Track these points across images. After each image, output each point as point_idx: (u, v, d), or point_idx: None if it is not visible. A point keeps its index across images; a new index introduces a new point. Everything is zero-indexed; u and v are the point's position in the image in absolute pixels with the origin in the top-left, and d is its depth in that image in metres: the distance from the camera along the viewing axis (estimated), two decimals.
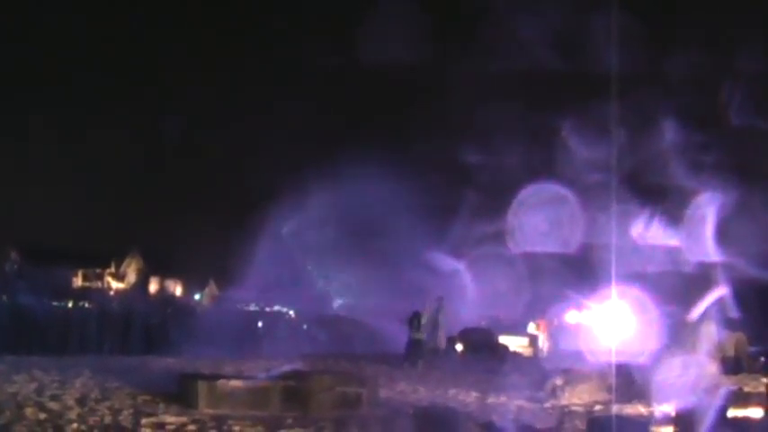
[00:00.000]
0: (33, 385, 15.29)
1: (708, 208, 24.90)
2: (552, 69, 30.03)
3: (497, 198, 30.54)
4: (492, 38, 28.47)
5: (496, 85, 30.91)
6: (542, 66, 28.93)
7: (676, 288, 24.90)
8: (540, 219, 30.05)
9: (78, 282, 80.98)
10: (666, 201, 27.16)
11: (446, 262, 31.99)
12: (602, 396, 16.91)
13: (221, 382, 14.32)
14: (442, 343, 27.86)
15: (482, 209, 31.48)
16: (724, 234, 24.80)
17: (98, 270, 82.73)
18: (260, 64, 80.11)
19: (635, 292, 26.08)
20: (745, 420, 13.12)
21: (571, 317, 32.36)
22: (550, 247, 31.01)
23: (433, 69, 42.23)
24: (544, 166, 29.01)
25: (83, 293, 73.86)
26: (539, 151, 29.01)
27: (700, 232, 25.29)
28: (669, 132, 26.20)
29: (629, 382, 17.10)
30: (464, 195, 32.63)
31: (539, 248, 31.56)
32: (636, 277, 26.04)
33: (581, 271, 28.99)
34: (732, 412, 12.86)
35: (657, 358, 18.67)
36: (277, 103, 68.95)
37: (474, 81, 32.67)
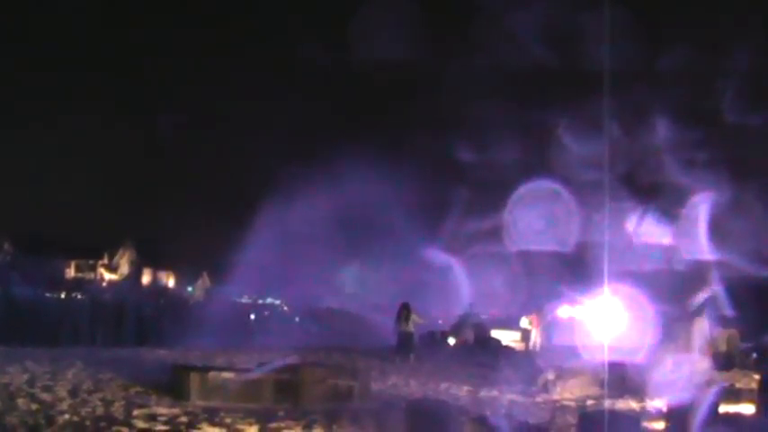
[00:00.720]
0: (25, 376, 15.28)
1: (701, 205, 24.92)
2: (546, 67, 29.98)
3: (492, 195, 30.54)
4: (486, 35, 28.38)
5: (492, 82, 30.87)
6: (536, 63, 28.87)
7: (669, 285, 24.92)
8: (534, 216, 30.06)
9: (71, 273, 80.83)
10: (660, 198, 27.17)
11: (440, 258, 32.06)
12: (594, 391, 16.94)
13: (213, 374, 14.32)
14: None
15: (477, 206, 31.50)
16: (717, 232, 24.82)
17: (91, 261, 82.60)
18: (256, 61, 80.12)
19: (628, 289, 26.11)
20: (737, 416, 13.14)
21: (564, 312, 32.41)
22: (544, 244, 31.04)
23: (427, 67, 42.21)
24: (539, 163, 29.02)
25: (76, 284, 73.79)
26: (533, 149, 29.00)
27: (693, 230, 25.30)
28: (663, 130, 26.20)
29: (621, 378, 17.14)
30: (459, 192, 32.63)
31: (533, 246, 31.59)
32: (629, 274, 26.06)
33: (574, 268, 29.02)
34: (724, 408, 12.89)
35: (650, 355, 18.73)
36: (271, 100, 69.03)
37: (469, 78, 32.63)
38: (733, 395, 14.94)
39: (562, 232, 29.76)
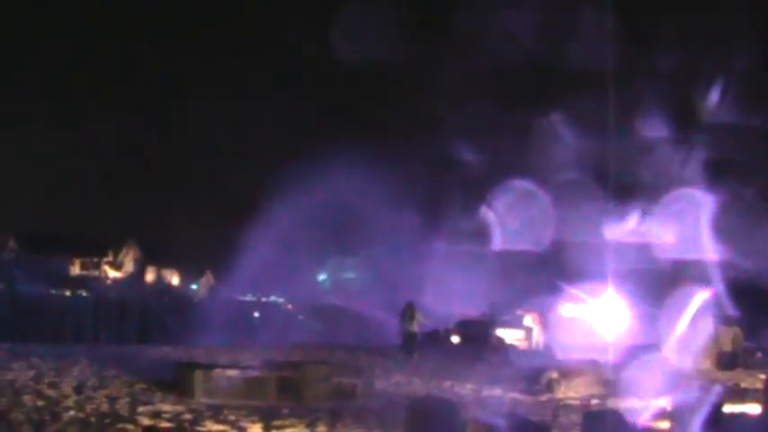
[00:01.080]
0: (31, 373, 15.30)
1: (701, 205, 24.94)
2: (539, 67, 30.01)
3: (489, 195, 30.63)
4: (473, 35, 28.41)
5: (483, 83, 30.89)
6: (530, 63, 28.89)
7: (666, 285, 24.93)
8: (532, 215, 30.14)
9: (76, 270, 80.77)
10: (658, 198, 27.18)
11: (438, 257, 32.13)
12: (598, 390, 16.94)
13: (217, 371, 14.34)
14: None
15: (474, 206, 31.59)
16: (718, 231, 24.84)
17: (95, 259, 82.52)
18: (255, 61, 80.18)
19: (625, 288, 26.15)
20: (742, 416, 13.11)
21: (566, 311, 32.41)
22: (542, 244, 31.11)
23: (419, 67, 42.11)
24: (533, 164, 29.07)
25: (80, 282, 73.80)
26: (534, 149, 29.02)
27: (693, 229, 25.32)
28: (661, 130, 26.23)
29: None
30: (454, 192, 32.74)
31: (532, 246, 31.68)
32: (627, 274, 26.09)
33: (572, 268, 29.04)
34: (729, 408, 12.86)
35: (633, 355, 18.77)
36: (270, 99, 69.09)
37: (461, 79, 32.63)
38: (738, 395, 14.91)
39: (560, 233, 29.80)
